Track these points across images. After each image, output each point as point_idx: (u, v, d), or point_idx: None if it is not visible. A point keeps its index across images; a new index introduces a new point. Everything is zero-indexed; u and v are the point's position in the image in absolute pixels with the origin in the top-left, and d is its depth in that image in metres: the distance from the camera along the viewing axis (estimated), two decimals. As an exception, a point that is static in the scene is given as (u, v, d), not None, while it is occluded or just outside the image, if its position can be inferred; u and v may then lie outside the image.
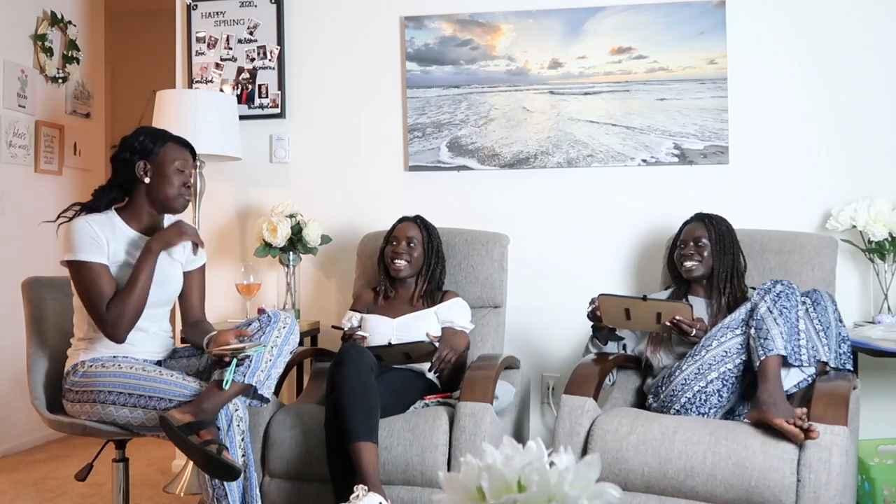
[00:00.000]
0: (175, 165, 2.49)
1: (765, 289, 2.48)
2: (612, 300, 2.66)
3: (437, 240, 3.03)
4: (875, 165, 3.23)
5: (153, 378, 2.34)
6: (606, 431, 2.41)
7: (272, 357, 2.36)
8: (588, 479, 0.97)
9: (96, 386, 2.36)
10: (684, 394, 2.50)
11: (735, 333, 2.49)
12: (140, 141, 2.49)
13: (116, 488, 2.58)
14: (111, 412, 2.34)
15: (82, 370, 2.42)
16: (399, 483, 2.50)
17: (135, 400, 2.32)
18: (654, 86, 3.33)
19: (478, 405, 2.50)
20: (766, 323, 2.40)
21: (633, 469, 2.34)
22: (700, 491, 2.28)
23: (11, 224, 4.10)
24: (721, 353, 2.48)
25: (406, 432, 2.50)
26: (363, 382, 2.43)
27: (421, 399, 2.71)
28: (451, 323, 2.89)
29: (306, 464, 2.55)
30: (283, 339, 2.40)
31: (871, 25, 3.24)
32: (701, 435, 2.32)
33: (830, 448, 2.19)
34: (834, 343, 2.50)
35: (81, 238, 2.37)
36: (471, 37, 3.46)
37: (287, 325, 2.42)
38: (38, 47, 4.27)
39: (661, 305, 2.60)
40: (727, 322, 2.53)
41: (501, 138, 3.44)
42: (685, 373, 2.51)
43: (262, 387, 2.33)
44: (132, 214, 2.50)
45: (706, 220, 2.82)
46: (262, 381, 2.32)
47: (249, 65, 3.63)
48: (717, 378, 2.47)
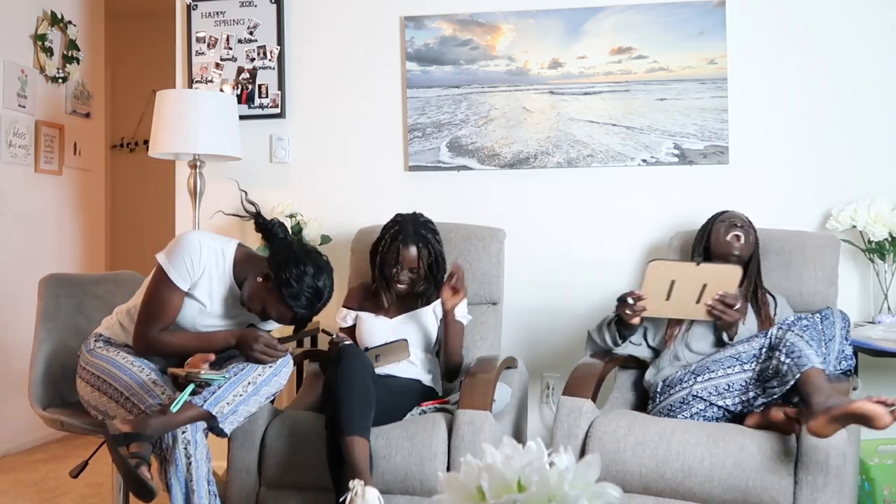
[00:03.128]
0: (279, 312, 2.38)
1: (790, 323, 2.41)
2: (662, 267, 2.58)
3: (439, 248, 2.87)
4: (875, 165, 3.23)
5: (141, 383, 2.33)
6: (604, 433, 2.41)
7: (244, 393, 2.27)
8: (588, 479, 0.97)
9: (92, 367, 2.39)
10: (682, 412, 2.50)
11: (743, 368, 2.44)
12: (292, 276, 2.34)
13: (116, 488, 2.59)
14: (96, 397, 2.37)
15: (92, 346, 2.44)
16: (398, 492, 2.47)
17: (112, 392, 2.33)
18: (654, 86, 3.33)
19: (477, 413, 2.47)
20: (799, 346, 2.32)
21: (630, 470, 2.34)
22: (697, 492, 2.28)
23: (11, 224, 4.10)
24: (724, 385, 2.45)
25: (405, 441, 2.47)
26: (362, 380, 2.41)
27: (418, 406, 2.69)
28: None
29: (303, 472, 2.51)
30: (265, 378, 2.32)
31: (871, 25, 3.24)
32: (699, 436, 2.32)
33: (828, 450, 2.18)
34: (833, 357, 2.48)
35: (182, 258, 2.35)
36: (471, 37, 3.46)
37: (275, 365, 2.34)
38: (38, 47, 4.27)
39: (711, 269, 2.56)
40: (738, 352, 2.47)
41: (501, 138, 3.44)
42: (685, 391, 2.49)
43: (225, 420, 2.24)
44: (242, 268, 2.44)
45: (733, 219, 2.81)
46: (226, 414, 2.24)
47: (249, 65, 3.63)
48: (720, 406, 2.46)
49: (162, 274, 2.37)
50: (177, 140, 3.30)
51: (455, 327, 2.77)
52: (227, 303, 2.47)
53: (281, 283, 2.32)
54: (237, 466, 2.58)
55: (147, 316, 2.37)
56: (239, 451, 2.58)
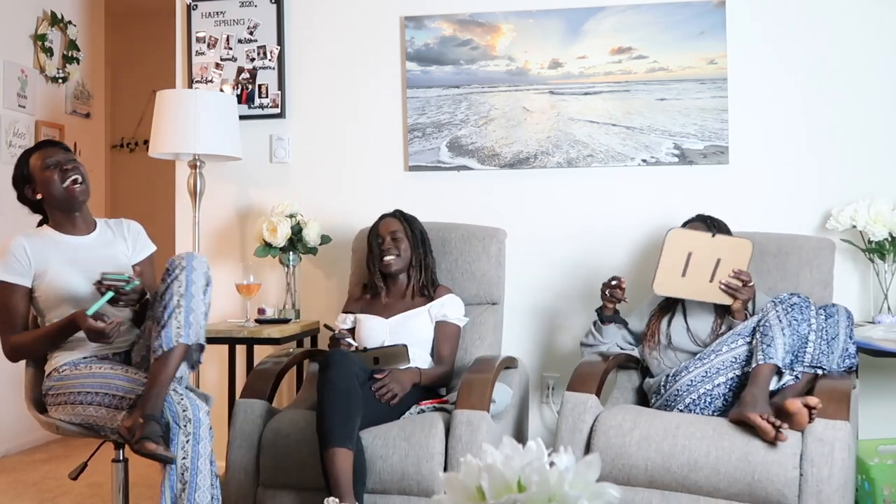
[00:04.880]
0: (44, 165, 2.53)
1: (780, 299, 2.49)
2: (681, 236, 2.65)
3: (421, 229, 3.02)
4: (875, 165, 3.23)
5: (122, 376, 2.37)
6: (609, 427, 2.42)
7: (181, 307, 2.28)
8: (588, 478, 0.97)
9: (72, 388, 2.40)
10: (689, 395, 2.51)
11: (745, 341, 2.51)
12: (15, 173, 2.60)
13: (116, 488, 2.59)
14: (91, 412, 2.37)
15: (57, 375, 2.46)
16: (395, 493, 2.47)
17: (108, 399, 2.34)
18: (654, 86, 3.33)
19: (474, 413, 2.47)
20: (773, 330, 2.42)
21: (636, 464, 2.35)
22: (703, 485, 2.29)
23: (11, 224, 4.09)
24: (731, 358, 2.50)
25: (401, 441, 2.47)
26: (345, 387, 2.41)
27: (416, 404, 2.69)
28: (444, 317, 2.88)
29: (301, 472, 2.51)
30: (185, 285, 2.31)
31: (871, 25, 3.24)
32: (704, 430, 2.33)
33: (833, 443, 2.22)
34: (837, 356, 2.50)
35: (7, 259, 2.49)
36: (471, 37, 3.46)
37: (186, 265, 2.33)
38: (38, 47, 4.27)
39: (725, 241, 2.63)
40: (739, 329, 2.55)
41: (501, 138, 3.44)
42: (692, 374, 2.52)
43: (188, 337, 2.27)
44: (55, 223, 2.60)
45: (708, 222, 2.82)
46: (185, 333, 2.27)
47: (249, 65, 3.63)
48: (724, 383, 2.48)
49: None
50: (177, 140, 3.30)
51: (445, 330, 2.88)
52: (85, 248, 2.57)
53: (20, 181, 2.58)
54: (235, 466, 2.58)
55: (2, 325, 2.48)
56: (237, 452, 2.59)
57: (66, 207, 2.57)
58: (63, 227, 2.59)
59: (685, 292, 2.69)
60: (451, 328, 2.89)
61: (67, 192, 2.54)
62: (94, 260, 2.52)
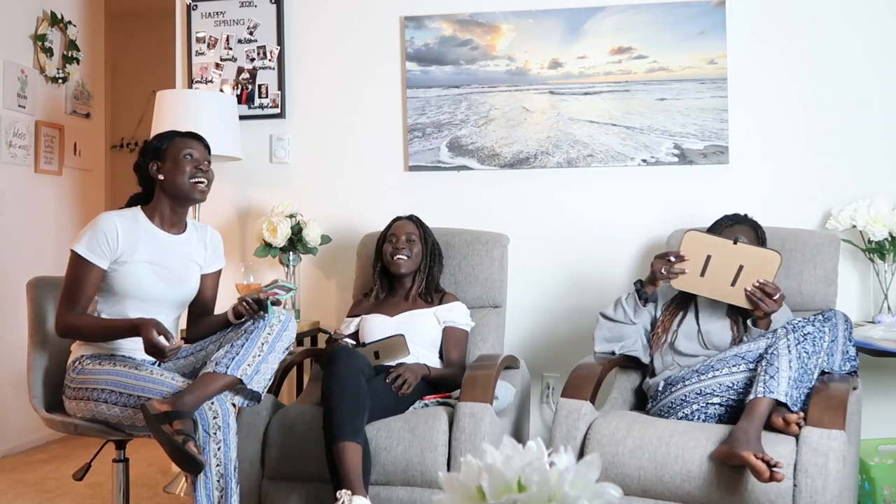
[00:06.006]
0: (183, 153, 2.53)
1: (794, 325, 2.37)
2: (700, 238, 2.54)
3: (433, 238, 3.05)
4: (875, 165, 3.23)
5: (144, 377, 2.35)
6: (603, 435, 2.40)
7: (261, 353, 2.34)
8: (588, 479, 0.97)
9: (91, 384, 2.38)
10: (682, 409, 2.48)
11: (748, 367, 2.41)
12: (151, 143, 2.59)
13: (116, 488, 2.59)
14: (103, 410, 2.36)
15: (80, 367, 2.44)
16: (399, 484, 2.49)
17: (125, 399, 2.33)
18: (654, 86, 3.33)
19: (477, 405, 2.49)
20: (780, 361, 2.31)
21: (629, 473, 2.33)
22: (696, 495, 2.27)
23: (11, 224, 4.10)
24: (728, 383, 2.43)
25: (405, 433, 2.49)
26: (353, 382, 2.43)
27: (420, 399, 2.71)
28: (453, 322, 2.91)
29: (306, 464, 2.54)
30: (275, 335, 2.39)
31: (871, 25, 3.24)
32: (697, 440, 2.30)
33: (827, 453, 2.17)
34: (838, 360, 2.43)
35: (95, 236, 2.42)
36: (471, 37, 3.46)
37: (281, 321, 2.41)
38: (38, 47, 4.27)
39: (749, 251, 2.51)
40: (743, 351, 2.45)
41: (501, 138, 3.44)
42: (687, 388, 2.48)
43: (251, 381, 2.31)
44: (154, 209, 2.56)
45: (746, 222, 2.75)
46: (250, 375, 2.31)
47: (249, 65, 3.63)
48: (720, 404, 2.45)
49: (74, 256, 2.43)
50: (177, 140, 3.30)
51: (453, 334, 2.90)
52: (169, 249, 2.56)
53: (150, 153, 2.56)
54: (241, 458, 2.57)
55: (65, 298, 2.43)
56: (242, 444, 2.58)
57: (179, 201, 2.55)
58: (161, 219, 2.56)
59: (705, 290, 2.60)
60: (459, 333, 2.93)
61: (192, 188, 2.53)
62: (173, 263, 2.53)
